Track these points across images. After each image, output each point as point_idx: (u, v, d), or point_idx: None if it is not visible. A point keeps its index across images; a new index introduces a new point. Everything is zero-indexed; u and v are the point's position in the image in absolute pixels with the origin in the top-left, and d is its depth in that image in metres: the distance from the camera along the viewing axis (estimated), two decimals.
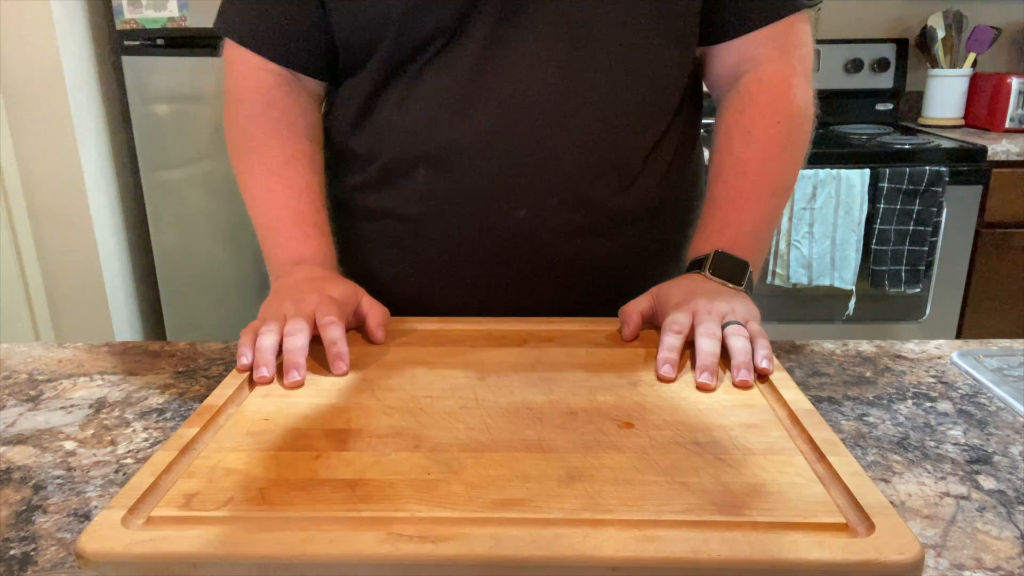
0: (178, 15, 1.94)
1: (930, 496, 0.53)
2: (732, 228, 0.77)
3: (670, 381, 0.63)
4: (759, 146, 0.79)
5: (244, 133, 0.83)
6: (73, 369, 0.74)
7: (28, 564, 0.47)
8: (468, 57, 0.74)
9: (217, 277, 2.14)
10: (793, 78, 0.81)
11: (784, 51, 0.81)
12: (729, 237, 0.76)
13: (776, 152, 0.79)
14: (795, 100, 0.80)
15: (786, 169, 0.81)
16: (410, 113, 0.77)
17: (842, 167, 1.92)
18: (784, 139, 0.80)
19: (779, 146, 0.79)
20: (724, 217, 0.78)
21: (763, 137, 0.79)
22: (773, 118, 0.79)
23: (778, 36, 0.81)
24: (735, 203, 0.78)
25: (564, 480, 0.49)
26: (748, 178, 0.78)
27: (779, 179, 0.80)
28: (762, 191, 0.79)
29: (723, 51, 0.83)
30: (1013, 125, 2.24)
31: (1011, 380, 0.69)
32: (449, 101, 0.75)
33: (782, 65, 0.81)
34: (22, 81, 1.95)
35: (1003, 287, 2.08)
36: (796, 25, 0.81)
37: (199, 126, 2.02)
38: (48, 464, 0.58)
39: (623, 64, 0.76)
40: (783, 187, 0.81)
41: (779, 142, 0.79)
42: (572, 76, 0.74)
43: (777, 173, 0.80)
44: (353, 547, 0.43)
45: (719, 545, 0.42)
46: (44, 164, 2.01)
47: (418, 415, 0.58)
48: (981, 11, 2.39)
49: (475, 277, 0.81)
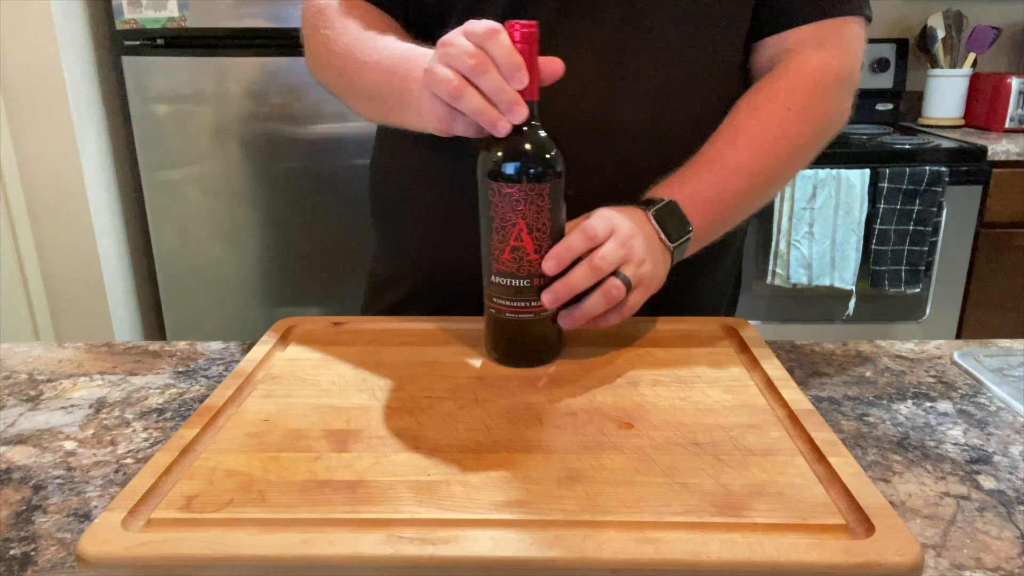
0: (178, 15, 1.94)
1: (930, 496, 0.53)
2: (696, 187, 0.74)
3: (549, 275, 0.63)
4: (760, 123, 0.76)
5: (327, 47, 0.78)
6: (73, 369, 0.74)
7: (28, 564, 0.47)
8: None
9: (217, 277, 2.14)
10: (825, 77, 0.78)
11: (823, 48, 0.78)
12: (688, 195, 0.73)
13: (775, 135, 0.76)
14: (818, 98, 0.77)
15: (778, 155, 0.77)
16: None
17: (842, 167, 1.92)
18: (788, 126, 0.76)
19: (780, 131, 0.76)
20: (695, 174, 0.75)
21: (768, 117, 0.76)
22: (785, 103, 0.77)
23: (820, 35, 0.78)
24: (712, 166, 0.75)
25: (564, 481, 0.49)
26: (736, 149, 0.76)
27: (766, 161, 0.76)
28: (743, 167, 0.75)
29: (762, 46, 0.81)
30: (1013, 125, 2.24)
31: (1011, 380, 0.69)
32: None
33: (816, 60, 0.78)
34: (22, 81, 1.95)
35: (1003, 287, 2.08)
36: (844, 28, 0.78)
37: (199, 126, 2.02)
38: (48, 464, 0.58)
39: (676, 53, 0.76)
40: (768, 171, 0.77)
41: (782, 127, 0.76)
42: (625, 63, 0.74)
43: (767, 155, 0.76)
44: (353, 549, 0.43)
45: (719, 547, 0.42)
46: (44, 164, 2.00)
47: (418, 416, 0.58)
48: (981, 11, 2.39)
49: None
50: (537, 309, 0.65)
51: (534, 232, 0.63)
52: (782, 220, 1.94)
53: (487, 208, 0.63)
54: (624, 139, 0.76)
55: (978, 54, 2.32)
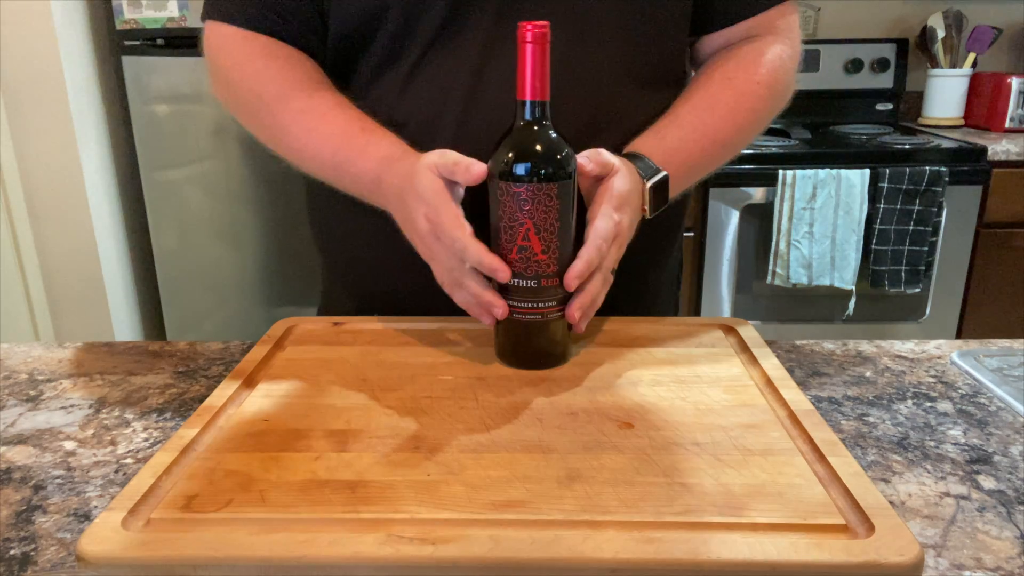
0: (178, 15, 1.94)
1: (930, 496, 0.53)
2: (682, 157, 0.76)
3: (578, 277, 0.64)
4: (734, 94, 0.79)
5: (255, 94, 0.78)
6: (73, 369, 0.74)
7: (28, 564, 0.47)
8: (469, 51, 0.74)
9: (217, 277, 2.14)
10: (782, 54, 0.82)
11: (775, 32, 0.82)
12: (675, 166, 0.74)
13: (746, 108, 0.80)
14: (778, 73, 0.81)
15: (746, 127, 0.81)
16: (413, 105, 0.77)
17: (842, 167, 1.92)
18: (756, 100, 0.80)
19: (750, 104, 0.80)
20: (682, 140, 0.77)
21: (742, 88, 0.80)
22: (754, 76, 0.80)
23: (764, 24, 0.82)
24: (695, 133, 0.78)
25: (564, 481, 0.49)
26: (714, 117, 0.78)
27: (737, 134, 0.80)
28: (719, 136, 0.79)
29: (707, 40, 0.84)
30: (1013, 125, 2.24)
31: (1011, 380, 0.69)
32: (452, 96, 0.75)
33: (772, 41, 0.82)
34: (22, 81, 1.95)
35: (1003, 287, 2.08)
36: (784, 15, 0.83)
37: (199, 126, 2.02)
38: (48, 464, 0.58)
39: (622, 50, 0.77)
40: (734, 143, 0.81)
41: (752, 100, 0.80)
42: (572, 61, 0.75)
43: (739, 127, 0.80)
44: (353, 549, 0.43)
45: (719, 546, 0.42)
46: (44, 164, 2.00)
47: (418, 416, 0.58)
48: (981, 11, 2.39)
49: None
50: (545, 310, 0.65)
51: (542, 232, 0.63)
52: (782, 220, 1.94)
53: (495, 208, 0.63)
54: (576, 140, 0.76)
55: (978, 54, 2.32)
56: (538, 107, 0.62)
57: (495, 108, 0.73)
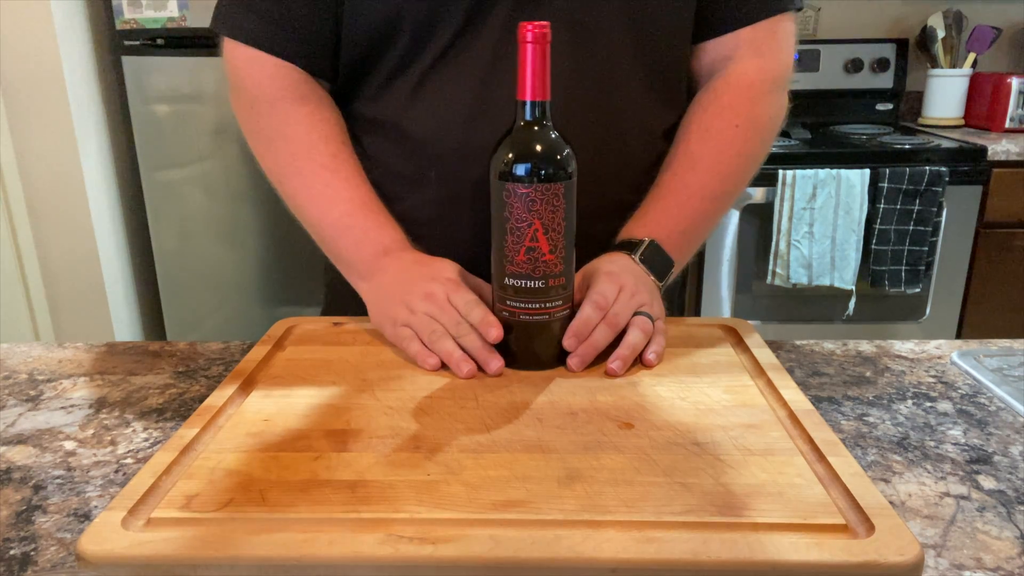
0: (178, 15, 1.94)
1: (930, 496, 0.53)
2: (671, 223, 0.77)
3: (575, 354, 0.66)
4: (714, 145, 0.79)
5: (282, 136, 0.79)
6: (73, 369, 0.74)
7: (28, 564, 0.47)
8: (477, 63, 0.74)
9: (217, 277, 2.14)
10: (763, 84, 0.80)
11: (760, 54, 0.80)
12: (665, 232, 0.76)
13: (730, 155, 0.79)
14: (759, 106, 0.80)
15: (736, 173, 0.81)
16: (420, 119, 0.77)
17: (842, 167, 1.91)
18: (740, 143, 0.79)
19: (734, 149, 0.79)
20: (665, 209, 0.78)
21: (719, 137, 0.79)
22: (732, 120, 0.79)
23: (756, 39, 0.80)
24: (679, 197, 0.78)
25: (564, 481, 0.49)
26: (696, 175, 0.78)
27: (726, 183, 0.80)
28: (707, 191, 0.79)
29: (701, 50, 0.83)
30: (1013, 125, 2.23)
31: (1011, 380, 0.69)
32: (459, 107, 0.75)
33: (754, 69, 0.80)
34: (22, 81, 1.95)
35: (1003, 287, 2.08)
36: (778, 27, 0.81)
37: (199, 126, 2.02)
38: (48, 464, 0.58)
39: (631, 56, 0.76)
40: (729, 191, 0.81)
41: (735, 145, 0.79)
42: (581, 70, 0.75)
43: (726, 176, 0.80)
44: (353, 549, 0.43)
45: (719, 546, 0.42)
46: (44, 164, 2.00)
47: (418, 416, 0.58)
48: (981, 11, 2.39)
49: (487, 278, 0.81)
50: (551, 311, 0.65)
51: (549, 232, 0.63)
52: (782, 220, 1.93)
53: (501, 210, 0.63)
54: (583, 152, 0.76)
55: (978, 54, 2.32)
56: (538, 107, 0.62)
57: (501, 118, 0.73)
